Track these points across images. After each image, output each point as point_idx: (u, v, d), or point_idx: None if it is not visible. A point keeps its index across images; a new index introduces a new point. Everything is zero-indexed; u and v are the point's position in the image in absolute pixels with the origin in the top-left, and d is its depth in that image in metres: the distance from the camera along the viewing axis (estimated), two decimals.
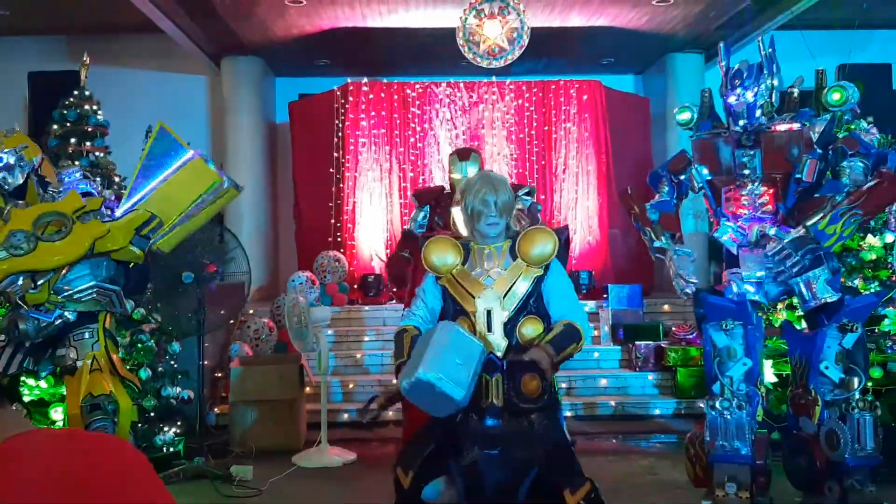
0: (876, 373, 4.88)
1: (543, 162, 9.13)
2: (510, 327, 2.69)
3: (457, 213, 4.32)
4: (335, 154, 9.03)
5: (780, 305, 5.30)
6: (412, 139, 9.10)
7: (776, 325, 5.33)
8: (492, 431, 2.62)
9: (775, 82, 3.76)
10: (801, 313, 4.73)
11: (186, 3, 7.42)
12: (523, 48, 7.26)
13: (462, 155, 4.78)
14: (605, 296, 7.86)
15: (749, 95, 3.75)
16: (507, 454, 2.60)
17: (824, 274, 3.74)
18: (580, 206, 9.10)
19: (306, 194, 9.14)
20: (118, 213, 3.61)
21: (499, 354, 2.65)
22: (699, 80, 9.20)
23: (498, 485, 2.60)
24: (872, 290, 5.13)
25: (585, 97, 9.08)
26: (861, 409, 3.64)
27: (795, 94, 3.90)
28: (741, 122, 3.80)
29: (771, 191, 3.77)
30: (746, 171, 3.79)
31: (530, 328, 2.69)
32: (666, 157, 9.19)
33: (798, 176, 3.73)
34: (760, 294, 3.78)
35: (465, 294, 2.73)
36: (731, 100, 3.82)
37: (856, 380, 3.68)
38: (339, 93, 9.07)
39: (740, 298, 3.70)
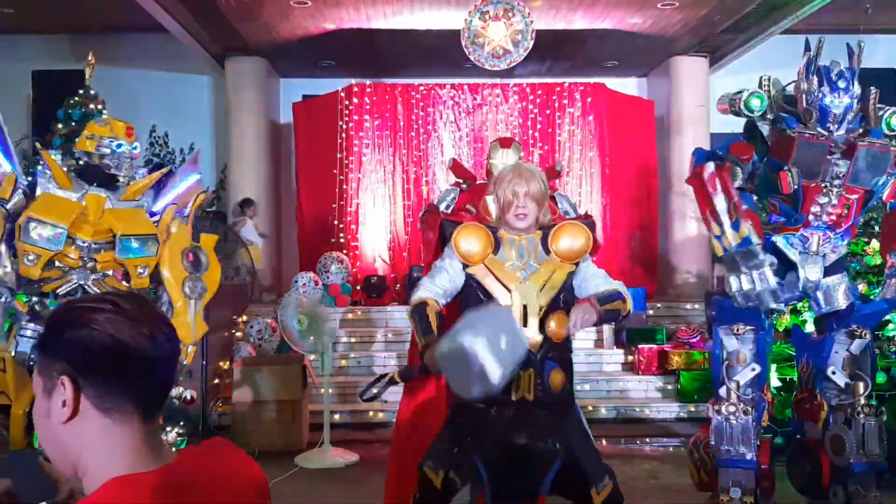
0: (880, 378, 4.87)
1: (547, 164, 9.12)
2: (542, 323, 2.67)
3: (490, 202, 4.31)
4: (339, 155, 9.04)
5: (785, 309, 5.29)
6: (416, 141, 9.11)
7: (779, 329, 5.33)
8: (520, 424, 2.62)
9: (858, 90, 3.58)
10: (807, 318, 4.74)
11: (191, 3, 7.43)
12: (528, 50, 7.26)
13: (504, 143, 4.78)
14: None
15: (846, 100, 3.55)
16: (534, 447, 2.60)
17: (845, 281, 3.72)
18: (583, 209, 9.08)
19: (309, 195, 9.15)
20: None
21: (533, 349, 2.63)
22: (704, 83, 9.20)
23: (523, 477, 2.59)
24: (874, 296, 5.13)
25: (589, 100, 9.08)
26: (866, 414, 3.63)
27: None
28: (834, 127, 3.55)
29: (845, 202, 3.61)
30: (833, 182, 3.58)
31: (555, 323, 2.67)
32: (670, 161, 9.29)
33: (880, 195, 3.64)
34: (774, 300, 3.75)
35: (498, 285, 2.70)
36: (829, 101, 3.54)
37: (861, 385, 3.66)
38: (343, 94, 9.08)
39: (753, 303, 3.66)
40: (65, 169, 3.88)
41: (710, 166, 3.45)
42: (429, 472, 2.62)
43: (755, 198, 3.71)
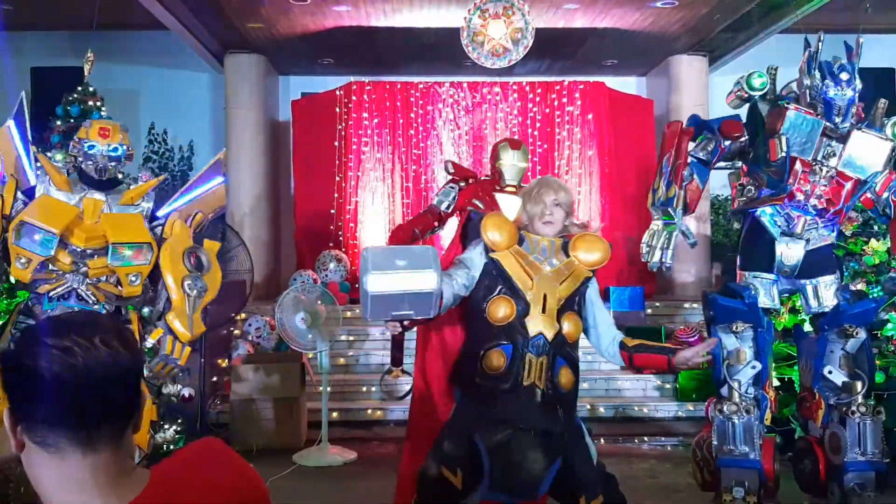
0: (878, 377, 4.87)
1: (547, 163, 9.12)
2: (559, 315, 2.71)
3: (503, 199, 4.34)
4: (338, 153, 9.03)
5: (783, 309, 5.29)
6: (415, 139, 9.10)
7: (778, 329, 5.33)
8: (527, 410, 2.63)
9: (860, 86, 3.63)
10: (805, 317, 4.74)
11: (190, 0, 7.41)
12: (527, 49, 7.25)
13: (514, 144, 4.79)
14: (606, 298, 7.85)
15: (849, 94, 3.59)
16: (542, 436, 2.61)
17: (836, 282, 3.73)
18: (582, 208, 9.08)
19: (308, 193, 9.14)
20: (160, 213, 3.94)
21: (548, 337, 2.66)
22: (703, 82, 9.20)
23: (525, 467, 2.60)
24: (875, 295, 5.13)
25: (589, 99, 9.08)
26: (863, 413, 3.63)
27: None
28: (838, 119, 3.61)
29: (835, 188, 3.65)
30: (825, 162, 3.64)
31: (570, 325, 2.72)
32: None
33: (873, 185, 3.67)
34: (769, 297, 3.76)
35: (522, 272, 2.74)
36: (833, 94, 3.59)
37: (858, 384, 3.67)
38: (342, 92, 9.08)
39: (752, 300, 3.67)
40: (63, 171, 3.88)
41: (679, 125, 3.83)
42: (447, 473, 2.63)
43: (743, 171, 3.85)
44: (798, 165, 3.63)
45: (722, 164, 3.97)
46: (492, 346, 2.68)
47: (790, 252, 3.70)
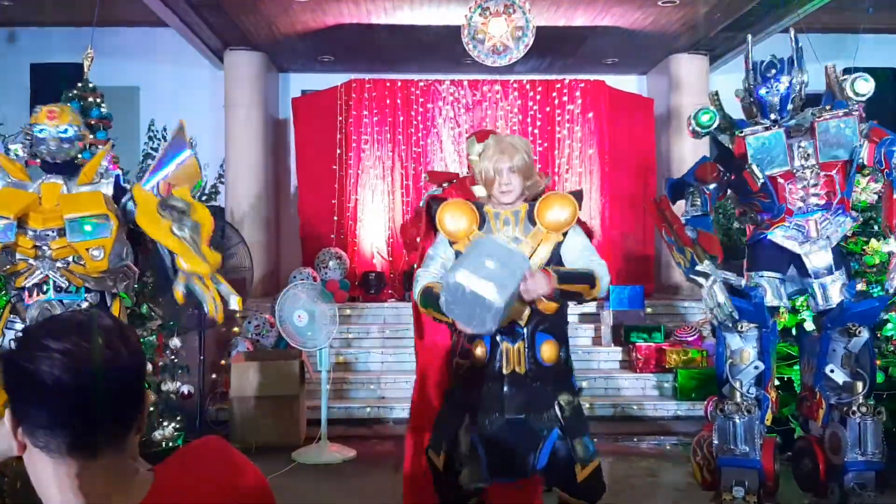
0: (878, 378, 4.87)
1: (547, 161, 9.12)
2: None
3: (479, 191, 4.33)
4: (338, 151, 9.03)
5: (781, 309, 5.28)
6: (415, 137, 9.09)
7: (779, 328, 5.32)
8: (513, 399, 2.62)
9: (804, 77, 3.67)
10: (805, 316, 4.74)
11: None
12: (528, 47, 7.25)
13: (480, 137, 4.79)
14: (606, 297, 7.83)
15: (782, 87, 3.66)
16: (529, 419, 2.61)
17: (842, 279, 3.72)
18: (582, 206, 9.08)
19: (309, 191, 9.14)
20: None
21: (521, 322, 2.63)
22: (703, 81, 9.19)
23: (518, 450, 2.60)
24: (876, 294, 5.12)
25: (589, 97, 9.07)
26: (863, 413, 3.63)
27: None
28: (772, 116, 3.69)
29: (827, 180, 3.67)
30: (805, 162, 3.67)
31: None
32: (669, 159, 9.28)
33: (860, 162, 3.67)
34: (777, 295, 3.76)
35: None
36: (763, 91, 3.69)
37: (860, 384, 3.66)
38: (342, 89, 9.07)
39: (758, 300, 3.67)
40: (20, 161, 3.84)
41: (661, 200, 3.90)
42: (433, 456, 2.66)
43: (727, 208, 3.85)
44: (781, 181, 3.69)
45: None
46: (475, 337, 2.67)
47: (818, 257, 3.70)
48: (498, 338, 2.64)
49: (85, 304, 3.61)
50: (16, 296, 3.66)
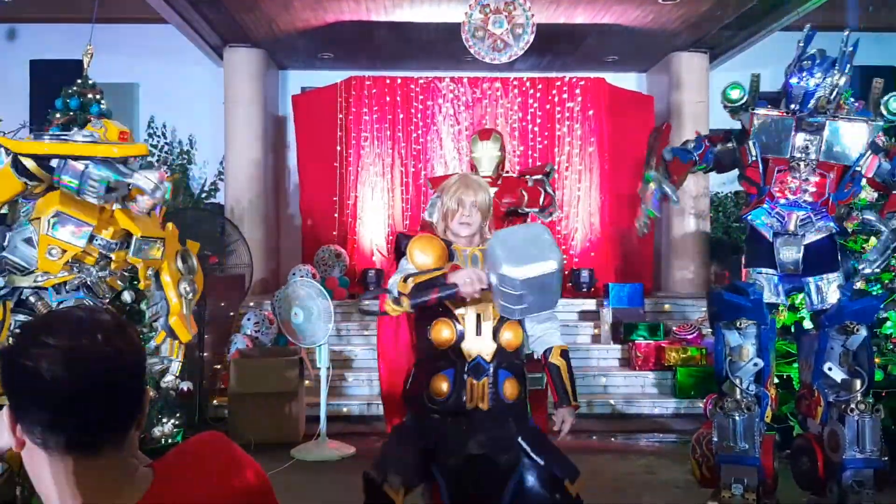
0: (877, 376, 4.87)
1: (546, 159, 9.11)
2: (496, 332, 2.67)
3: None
4: (338, 148, 9.03)
5: (781, 306, 5.28)
6: (415, 134, 9.09)
7: (777, 326, 5.32)
8: (475, 434, 2.60)
9: (841, 81, 3.64)
10: (804, 314, 4.74)
11: None
12: (528, 44, 7.25)
13: (483, 135, 4.80)
14: (606, 294, 7.84)
15: (812, 83, 3.65)
16: (494, 456, 2.60)
17: (839, 279, 3.73)
18: (582, 204, 9.09)
19: (309, 188, 9.14)
20: None
21: (486, 358, 2.64)
22: (703, 79, 9.19)
23: (483, 487, 2.59)
24: (875, 293, 5.12)
25: (589, 95, 9.06)
26: (862, 411, 3.63)
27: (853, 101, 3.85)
28: (794, 106, 3.71)
29: (821, 180, 3.70)
30: (803, 156, 3.70)
31: (510, 333, 2.67)
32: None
33: (857, 168, 3.68)
34: (774, 292, 3.77)
35: None
36: (794, 81, 3.70)
37: (858, 381, 3.67)
38: (342, 87, 9.06)
39: (757, 297, 3.68)
40: None
41: (660, 128, 4.16)
42: (389, 490, 2.58)
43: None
44: (773, 165, 3.73)
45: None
46: (437, 371, 2.65)
47: (787, 250, 3.72)
48: (461, 373, 2.63)
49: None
50: (33, 292, 3.66)
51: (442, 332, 2.65)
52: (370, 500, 2.66)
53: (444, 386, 2.64)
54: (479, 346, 2.64)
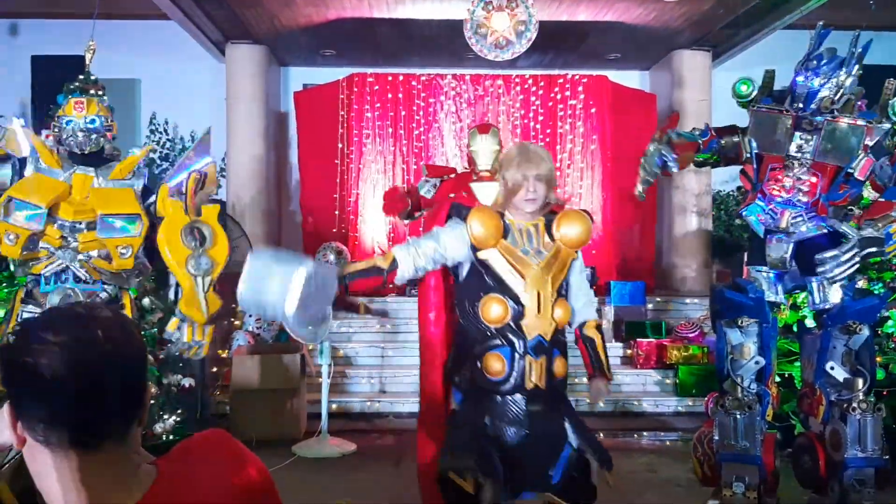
0: (878, 375, 4.86)
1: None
2: (552, 308, 2.67)
3: (479, 189, 4.30)
4: (339, 145, 9.02)
5: (784, 305, 5.28)
6: (416, 132, 9.08)
7: (779, 325, 5.32)
8: (531, 413, 2.61)
9: (847, 82, 3.63)
10: (806, 313, 4.73)
11: None
12: (531, 41, 7.23)
13: (482, 129, 4.82)
14: (608, 293, 7.83)
15: (816, 82, 3.63)
16: (550, 435, 2.61)
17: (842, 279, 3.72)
18: (584, 202, 9.07)
19: (310, 185, 9.14)
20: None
21: (546, 337, 2.62)
22: (706, 77, 9.17)
23: (540, 464, 2.60)
24: (877, 292, 5.12)
25: (592, 92, 9.05)
26: (863, 410, 3.62)
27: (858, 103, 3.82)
28: (797, 105, 3.70)
29: (815, 180, 3.69)
30: (798, 155, 3.70)
31: (560, 311, 2.69)
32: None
33: (849, 171, 3.66)
34: (773, 291, 3.76)
35: (513, 272, 2.65)
36: (800, 79, 3.69)
37: (860, 381, 3.66)
38: (344, 84, 9.05)
39: (758, 295, 3.67)
40: (54, 149, 3.85)
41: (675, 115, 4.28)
42: (456, 478, 2.53)
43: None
44: (768, 162, 3.73)
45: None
46: (489, 349, 2.62)
47: (776, 247, 3.71)
48: (519, 352, 2.60)
49: (103, 296, 3.64)
50: (32, 281, 3.67)
51: (493, 309, 2.61)
52: (455, 500, 2.60)
53: (499, 365, 2.59)
54: (541, 325, 2.61)
